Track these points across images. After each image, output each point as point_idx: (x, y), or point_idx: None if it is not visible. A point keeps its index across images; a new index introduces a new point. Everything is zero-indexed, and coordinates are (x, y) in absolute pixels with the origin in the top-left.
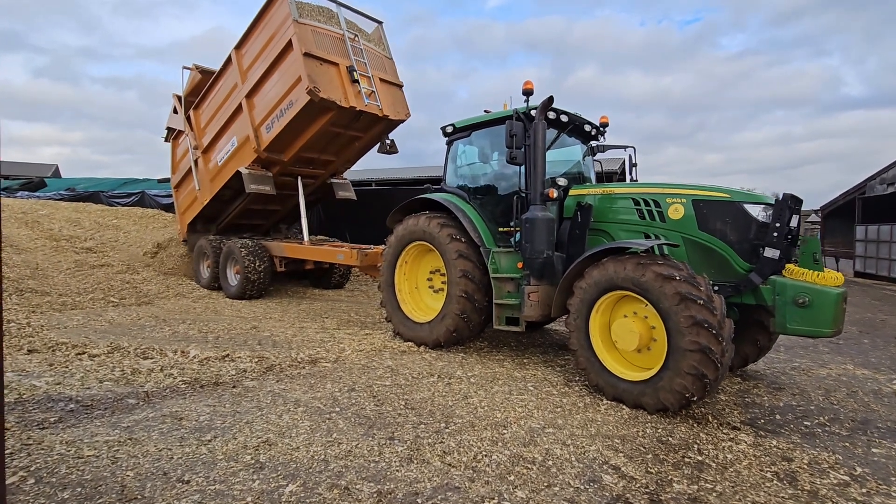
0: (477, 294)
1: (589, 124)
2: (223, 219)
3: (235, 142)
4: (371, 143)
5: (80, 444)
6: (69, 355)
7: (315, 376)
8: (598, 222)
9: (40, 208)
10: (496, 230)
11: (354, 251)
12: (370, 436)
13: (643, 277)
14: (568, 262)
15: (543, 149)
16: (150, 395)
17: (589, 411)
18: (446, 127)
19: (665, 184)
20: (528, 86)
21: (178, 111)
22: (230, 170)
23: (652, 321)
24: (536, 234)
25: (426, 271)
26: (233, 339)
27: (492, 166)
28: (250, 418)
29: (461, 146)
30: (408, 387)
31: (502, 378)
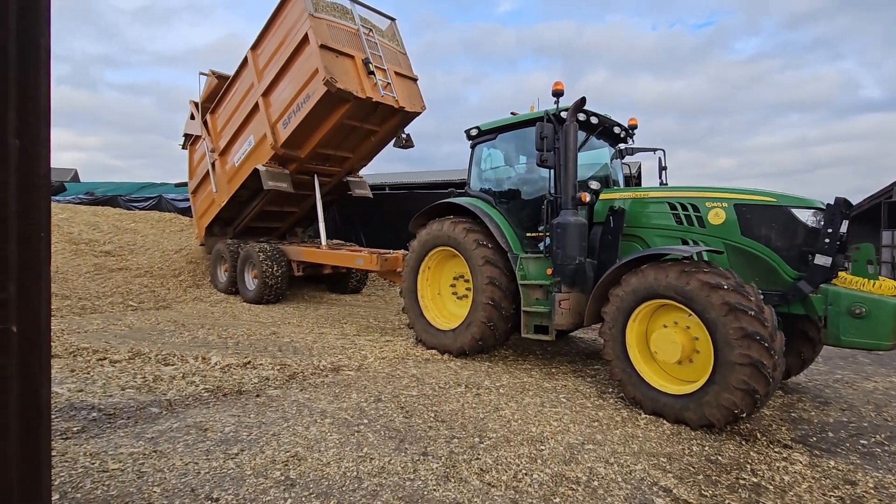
0: (504, 302)
1: (618, 126)
2: (240, 222)
3: (252, 141)
4: (387, 138)
5: (105, 456)
6: (90, 361)
7: (339, 385)
8: (631, 227)
9: (60, 212)
10: (523, 235)
11: (374, 256)
12: (402, 451)
13: (688, 286)
14: (600, 268)
15: (575, 151)
16: (173, 403)
17: (628, 426)
18: (470, 130)
19: (704, 187)
20: (559, 87)
21: (196, 117)
22: (247, 169)
23: (695, 332)
24: (568, 240)
25: (450, 277)
26: (253, 344)
27: (519, 169)
28: (277, 430)
29: (486, 149)
30: (435, 397)
31: (532, 389)
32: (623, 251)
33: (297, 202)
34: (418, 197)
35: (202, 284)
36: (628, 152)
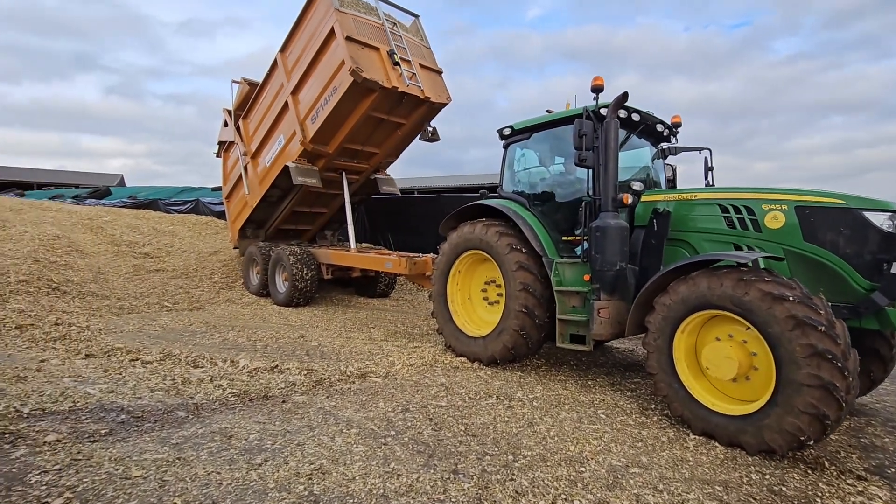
0: (538, 309)
1: (661, 124)
2: (271, 223)
3: (282, 140)
4: (413, 132)
5: (129, 462)
6: (123, 361)
7: (366, 393)
8: (677, 231)
9: (104, 215)
10: (559, 239)
11: (403, 259)
12: (431, 467)
13: (746, 296)
14: (642, 275)
15: (616, 150)
16: (200, 407)
17: (676, 448)
18: (503, 129)
19: (760, 188)
20: (598, 82)
21: (229, 124)
22: (278, 168)
23: (753, 346)
24: (608, 244)
25: (480, 282)
26: (281, 348)
27: (554, 170)
28: (301, 439)
29: (519, 149)
30: (466, 409)
31: (568, 402)
32: (668, 257)
33: (325, 202)
34: (447, 200)
35: (234, 286)
36: (671, 152)
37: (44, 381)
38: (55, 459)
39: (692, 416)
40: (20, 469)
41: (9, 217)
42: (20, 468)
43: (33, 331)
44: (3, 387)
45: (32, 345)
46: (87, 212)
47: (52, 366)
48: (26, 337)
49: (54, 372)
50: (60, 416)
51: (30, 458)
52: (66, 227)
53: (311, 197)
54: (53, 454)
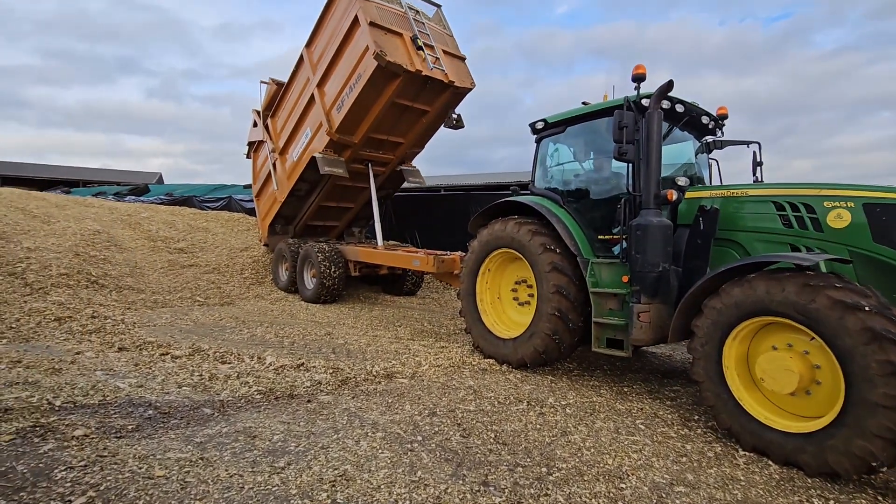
0: (571, 313)
1: (706, 116)
2: (299, 219)
3: (309, 133)
4: (438, 120)
5: (153, 460)
6: (154, 355)
7: (392, 394)
8: (725, 230)
9: (142, 211)
10: (595, 238)
11: (431, 257)
12: (460, 477)
13: (813, 304)
14: (686, 277)
15: (659, 143)
16: (226, 405)
17: (724, 465)
18: (536, 123)
19: (821, 184)
20: (640, 70)
21: (258, 124)
22: (305, 160)
23: (816, 358)
24: (650, 244)
25: (511, 281)
26: (308, 345)
27: (590, 165)
28: (326, 442)
29: (552, 144)
30: (495, 414)
31: (603, 410)
32: (715, 258)
33: (352, 197)
34: (474, 198)
35: (264, 282)
36: (717, 146)
37: (77, 373)
38: (81, 455)
39: (742, 429)
40: (46, 464)
41: (54, 213)
42: (47, 463)
43: (71, 323)
44: (38, 378)
45: (69, 337)
46: (127, 208)
47: (86, 358)
48: (64, 329)
49: (88, 365)
50: (90, 409)
51: (57, 452)
52: (107, 223)
53: (338, 191)
54: (80, 449)
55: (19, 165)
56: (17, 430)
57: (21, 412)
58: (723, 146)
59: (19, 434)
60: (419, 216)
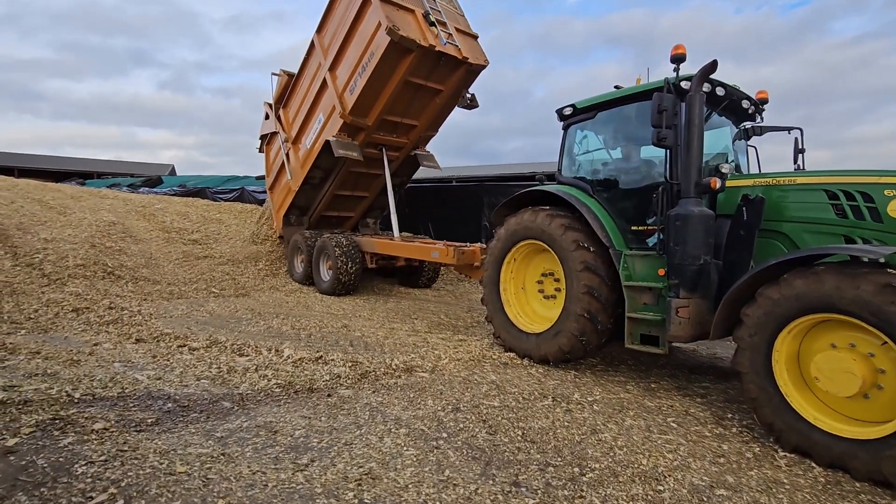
0: (601, 315)
1: (748, 100)
2: (314, 209)
3: (322, 118)
4: (452, 100)
5: (174, 456)
6: (171, 347)
7: (413, 389)
8: (771, 221)
9: (157, 202)
10: (627, 229)
11: (451, 249)
12: (489, 476)
13: (893, 307)
14: (727, 270)
15: (701, 127)
16: (245, 398)
17: (765, 466)
18: (563, 109)
19: (880, 171)
20: (680, 50)
21: (270, 116)
22: (318, 146)
23: (882, 362)
24: (691, 235)
25: (536, 273)
26: (324, 337)
27: (622, 152)
28: (349, 438)
29: (581, 131)
30: (521, 411)
31: (632, 407)
32: (760, 251)
33: (366, 185)
34: (487, 189)
35: (278, 274)
36: (755, 132)
37: (95, 365)
38: (101, 449)
39: (786, 427)
40: (67, 459)
41: (69, 204)
42: (67, 457)
43: (88, 314)
44: (57, 370)
45: (87, 328)
46: (141, 199)
47: (104, 350)
48: (82, 320)
49: (106, 356)
50: (109, 402)
51: (77, 446)
52: (122, 214)
53: (352, 178)
54: (100, 443)
55: (35, 157)
56: (37, 423)
57: (40, 404)
58: (762, 132)
59: (39, 427)
60: (432, 208)
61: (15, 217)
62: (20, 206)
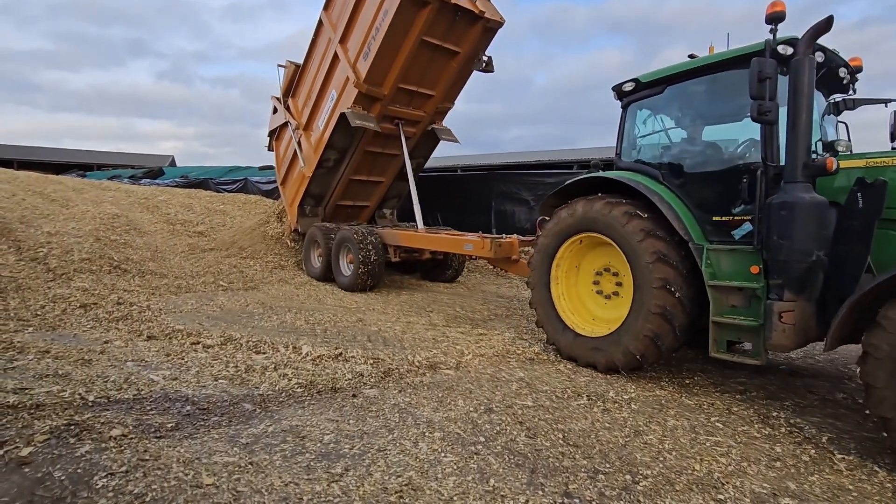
0: (679, 313)
1: (845, 68)
2: (329, 198)
3: (335, 95)
4: (468, 64)
5: (199, 465)
6: (184, 344)
7: (440, 388)
8: (892, 209)
9: (159, 194)
10: (707, 219)
11: (487, 241)
12: (538, 486)
13: None
14: (836, 268)
15: (811, 97)
16: (267, 399)
17: (825, 471)
18: (623, 85)
19: None
20: (778, 8)
21: (278, 109)
22: (332, 122)
23: None
24: (800, 227)
25: (591, 270)
26: (341, 332)
27: (697, 132)
28: (382, 443)
29: (643, 110)
30: (556, 411)
31: (671, 406)
32: (881, 244)
33: (382, 167)
34: (499, 178)
35: (286, 266)
36: (848, 105)
37: (108, 364)
38: (121, 459)
39: None
40: (85, 470)
41: (71, 196)
42: (85, 468)
43: (97, 310)
44: (68, 370)
45: (96, 325)
46: (144, 191)
47: (115, 348)
48: (90, 317)
49: (118, 355)
50: (125, 405)
51: (95, 455)
52: (125, 207)
53: (368, 161)
54: (119, 452)
55: (34, 149)
56: (52, 429)
57: (53, 408)
58: (855, 106)
59: (54, 433)
60: (441, 197)
61: (17, 210)
62: (21, 198)
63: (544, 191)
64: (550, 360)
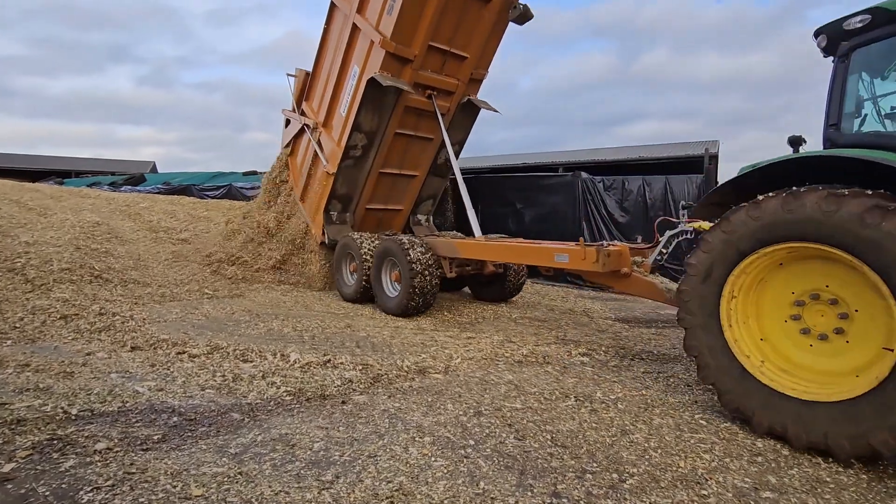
0: None
1: None
2: (357, 199)
3: (357, 70)
4: (501, 18)
5: (187, 477)
6: (170, 354)
7: (430, 392)
8: None
9: (141, 201)
10: None
11: (590, 249)
12: (527, 488)
13: None
14: None
15: None
16: (255, 408)
17: (804, 465)
18: (848, 20)
19: None
20: None
21: (291, 119)
22: (357, 98)
23: None
24: None
25: (784, 297)
26: (329, 339)
27: None
28: (372, 450)
29: (880, 60)
30: (545, 413)
31: (657, 405)
32: None
33: (416, 157)
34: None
35: (272, 271)
36: None
37: (91, 377)
38: (107, 473)
39: None
40: (70, 485)
41: (49, 204)
42: (70, 483)
43: (78, 321)
44: (50, 383)
45: (78, 336)
46: (125, 198)
47: (98, 359)
48: (71, 328)
49: (101, 367)
50: (110, 417)
51: (80, 470)
52: (105, 214)
53: (399, 148)
54: (105, 466)
55: (9, 156)
56: (34, 445)
57: (35, 423)
58: None
59: (36, 449)
60: None
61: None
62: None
63: (530, 194)
64: (538, 361)
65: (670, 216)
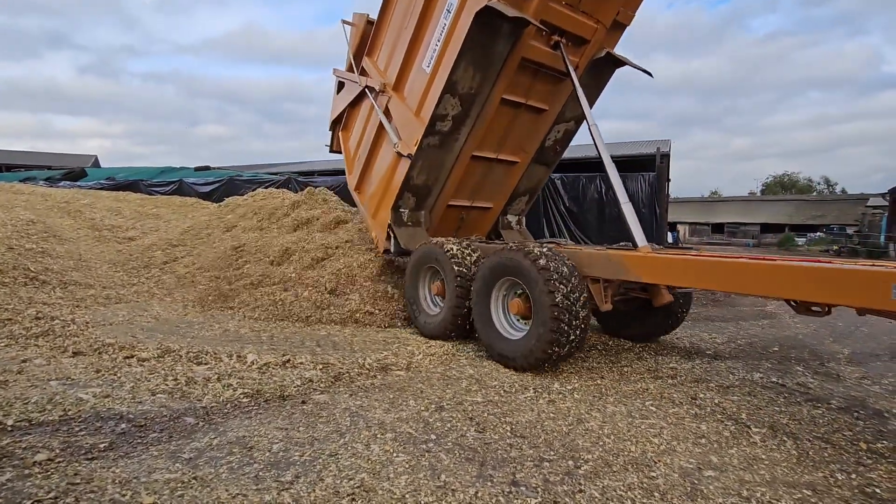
0: None
1: None
2: (438, 193)
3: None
4: None
5: (137, 484)
6: (117, 359)
7: (392, 389)
8: None
9: (82, 198)
10: None
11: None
12: (487, 478)
13: None
14: None
15: None
16: (210, 412)
17: (742, 444)
18: None
19: None
20: None
21: (346, 82)
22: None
23: None
24: None
25: None
26: (288, 339)
27: None
28: (333, 448)
29: None
30: (505, 405)
31: (611, 394)
32: None
33: (521, 135)
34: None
35: (227, 269)
36: None
37: (27, 385)
38: (48, 485)
39: None
40: (8, 499)
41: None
42: (8, 498)
43: (12, 326)
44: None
45: (12, 342)
46: (63, 195)
47: (35, 366)
48: (5, 333)
49: (39, 374)
50: (50, 427)
51: (18, 483)
52: (41, 212)
53: (502, 122)
54: (46, 477)
55: None
56: None
57: None
58: None
59: None
60: None
61: None
62: None
63: None
64: None
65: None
